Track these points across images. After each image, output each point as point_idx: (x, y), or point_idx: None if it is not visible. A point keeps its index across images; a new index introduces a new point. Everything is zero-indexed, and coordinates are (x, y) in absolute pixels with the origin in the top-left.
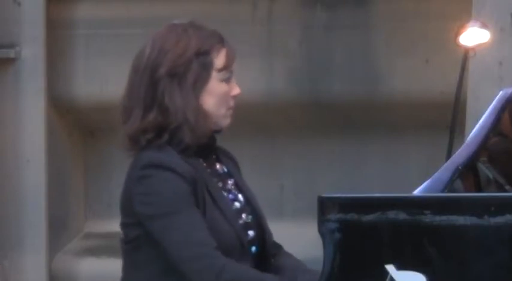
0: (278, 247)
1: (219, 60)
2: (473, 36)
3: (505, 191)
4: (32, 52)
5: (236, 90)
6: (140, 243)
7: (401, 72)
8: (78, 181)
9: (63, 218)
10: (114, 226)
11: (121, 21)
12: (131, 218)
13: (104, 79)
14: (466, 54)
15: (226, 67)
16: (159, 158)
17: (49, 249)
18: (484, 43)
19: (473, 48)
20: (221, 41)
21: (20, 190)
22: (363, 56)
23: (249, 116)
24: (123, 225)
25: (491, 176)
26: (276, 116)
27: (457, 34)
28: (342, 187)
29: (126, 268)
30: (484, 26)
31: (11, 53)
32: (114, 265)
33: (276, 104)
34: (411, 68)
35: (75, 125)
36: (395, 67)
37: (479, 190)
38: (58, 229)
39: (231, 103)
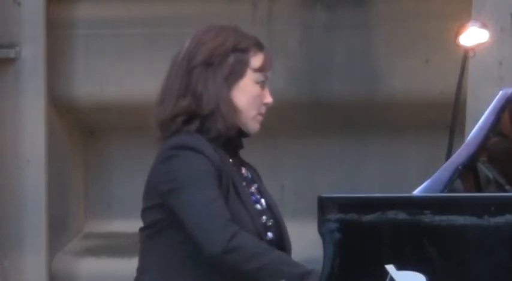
0: None
1: (256, 61)
2: (473, 36)
3: (505, 191)
4: (32, 52)
5: (269, 99)
6: (160, 227)
7: (401, 72)
8: (78, 181)
9: (63, 218)
10: (114, 226)
11: (121, 21)
12: (154, 200)
13: (104, 79)
14: (466, 54)
15: (262, 70)
16: (186, 140)
17: (49, 249)
18: (484, 43)
19: (473, 48)
20: (260, 45)
21: (20, 190)
22: (363, 56)
23: None
24: (144, 211)
25: (491, 176)
26: (276, 116)
27: (457, 34)
28: (342, 187)
29: (142, 255)
30: (484, 26)
31: (11, 53)
32: (114, 265)
33: (276, 104)
34: (411, 68)
35: (75, 125)
36: (395, 67)
37: (479, 190)
38: (58, 229)
39: (262, 110)
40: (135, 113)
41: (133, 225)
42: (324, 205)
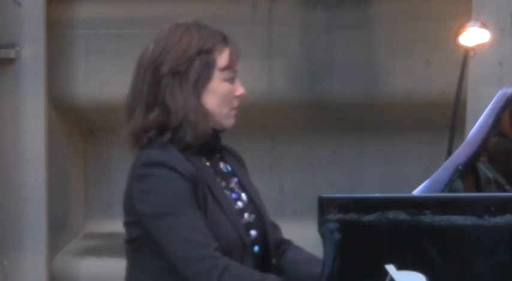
0: (287, 242)
1: (222, 59)
2: (473, 36)
3: (505, 191)
4: (32, 52)
5: (240, 90)
6: (141, 243)
7: (401, 72)
8: (78, 181)
9: (63, 218)
10: (115, 226)
11: (121, 21)
12: (132, 216)
13: (104, 79)
14: (466, 54)
15: (229, 67)
16: (159, 157)
17: (49, 249)
18: (484, 43)
19: (473, 48)
20: (224, 40)
21: (20, 190)
22: (363, 56)
23: (249, 116)
24: (125, 224)
25: (491, 176)
26: (276, 116)
27: (457, 34)
28: (342, 187)
29: (128, 269)
30: (484, 26)
31: (11, 53)
32: (114, 265)
33: (276, 104)
34: (411, 68)
35: (75, 125)
36: (395, 67)
37: (479, 190)
38: (58, 229)
39: (235, 103)
40: None
41: None
42: (324, 205)
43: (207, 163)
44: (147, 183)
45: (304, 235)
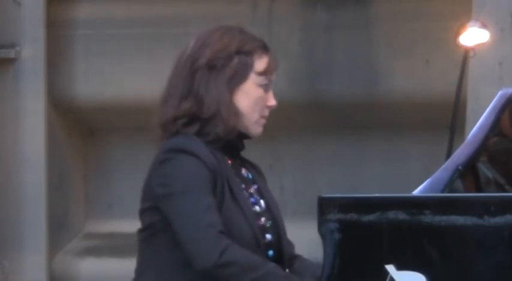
0: (298, 256)
1: (260, 64)
2: (473, 36)
3: (505, 191)
4: (32, 52)
5: (272, 102)
6: (156, 230)
7: (401, 72)
8: (78, 180)
9: (63, 218)
10: (115, 226)
11: (121, 21)
12: (149, 202)
13: (104, 79)
14: (466, 54)
15: (266, 73)
16: (183, 143)
17: (49, 249)
18: (484, 43)
19: (473, 48)
20: (265, 48)
21: (20, 190)
22: (363, 56)
23: None
24: (141, 212)
25: (491, 176)
26: (276, 116)
27: (457, 34)
28: (342, 187)
29: (140, 257)
30: (484, 26)
31: (11, 53)
32: (114, 265)
33: (276, 104)
34: (411, 68)
35: (75, 125)
36: (395, 67)
37: (479, 190)
38: (58, 229)
39: (266, 113)
40: (135, 113)
41: (134, 225)
42: (324, 205)
43: (229, 162)
44: (167, 167)
45: (304, 235)
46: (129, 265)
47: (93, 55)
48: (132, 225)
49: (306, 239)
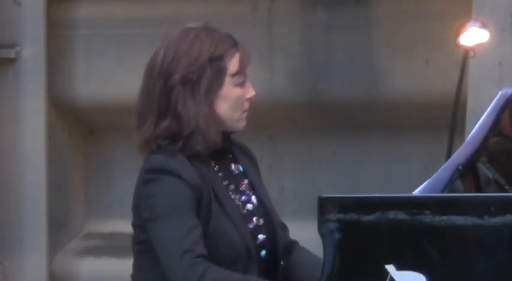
0: (293, 242)
1: (233, 65)
2: (473, 36)
3: (505, 191)
4: (32, 52)
5: (251, 93)
6: (146, 247)
7: (401, 72)
8: (78, 180)
9: (63, 218)
10: (114, 226)
11: (121, 21)
12: (139, 220)
13: (104, 79)
14: (466, 54)
15: (240, 71)
16: (165, 163)
17: (49, 249)
18: (484, 43)
19: (473, 48)
20: (235, 45)
21: (20, 190)
22: (363, 56)
23: (249, 116)
24: (134, 225)
25: (491, 176)
26: (276, 116)
27: (457, 34)
28: (342, 187)
29: (135, 267)
30: (484, 26)
31: (11, 53)
32: (114, 265)
33: (276, 104)
34: (411, 68)
35: (75, 125)
36: (395, 67)
37: (479, 190)
38: (58, 229)
39: (246, 106)
40: None
41: None
42: (324, 205)
43: (216, 167)
44: (150, 188)
45: (304, 235)
46: (128, 265)
47: (93, 55)
48: None
49: (306, 239)
